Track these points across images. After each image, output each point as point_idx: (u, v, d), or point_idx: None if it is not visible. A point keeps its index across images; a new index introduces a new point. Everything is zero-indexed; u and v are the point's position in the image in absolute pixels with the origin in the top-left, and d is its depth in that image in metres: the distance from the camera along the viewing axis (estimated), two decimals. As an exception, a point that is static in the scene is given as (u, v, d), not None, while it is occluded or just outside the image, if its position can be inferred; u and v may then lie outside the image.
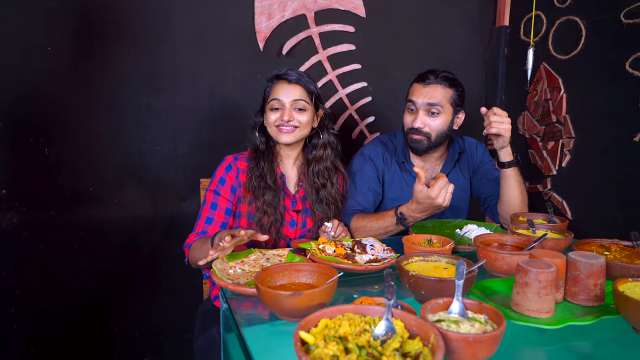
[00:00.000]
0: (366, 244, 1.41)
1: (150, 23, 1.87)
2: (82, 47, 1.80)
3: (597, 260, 1.05)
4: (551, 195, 2.18)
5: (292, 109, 1.55)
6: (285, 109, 1.54)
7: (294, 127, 1.55)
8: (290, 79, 1.56)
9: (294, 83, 1.56)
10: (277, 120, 1.54)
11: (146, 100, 1.91)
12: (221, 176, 1.56)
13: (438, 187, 1.44)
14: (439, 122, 1.68)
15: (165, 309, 2.07)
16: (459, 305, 0.89)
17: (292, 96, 1.55)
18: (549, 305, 0.99)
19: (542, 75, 2.20)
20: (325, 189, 1.63)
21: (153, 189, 1.98)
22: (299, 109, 1.55)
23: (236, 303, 1.13)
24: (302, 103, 1.55)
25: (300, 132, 1.57)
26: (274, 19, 2.04)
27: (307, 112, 1.57)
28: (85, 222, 1.91)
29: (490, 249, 1.23)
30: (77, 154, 1.86)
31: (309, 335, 0.78)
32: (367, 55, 2.23)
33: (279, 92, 1.56)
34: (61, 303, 1.91)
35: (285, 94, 1.55)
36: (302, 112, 1.56)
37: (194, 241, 1.48)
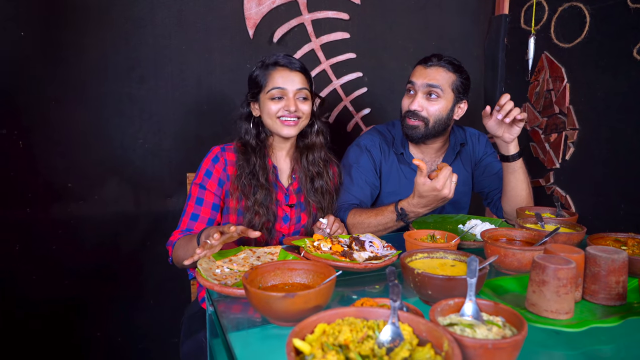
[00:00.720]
0: (364, 241, 1.31)
1: (131, 6, 1.76)
2: (57, 33, 1.68)
3: (619, 256, 0.96)
4: (554, 190, 2.09)
5: (296, 99, 1.44)
6: (288, 98, 1.43)
7: (298, 119, 1.45)
8: (292, 66, 1.45)
9: (296, 70, 1.45)
10: (281, 111, 1.43)
11: (128, 90, 1.79)
12: (207, 168, 1.45)
13: (443, 177, 1.34)
14: (438, 107, 1.58)
15: (150, 311, 1.96)
16: (473, 306, 0.79)
17: (296, 85, 1.43)
18: (569, 305, 0.90)
19: (543, 65, 2.12)
20: (320, 178, 1.53)
21: (136, 185, 1.87)
22: (302, 98, 1.45)
23: (223, 306, 1.03)
24: (305, 92, 1.45)
25: (303, 123, 1.48)
26: (264, 5, 1.93)
27: (309, 101, 1.48)
28: (63, 220, 1.79)
29: (500, 245, 1.13)
30: (54, 148, 1.74)
31: (304, 344, 0.68)
32: (362, 44, 2.13)
33: (281, 80, 1.43)
34: (38, 306, 1.79)
35: (287, 82, 1.43)
36: (306, 101, 1.47)
37: (178, 239, 1.36)
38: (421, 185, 1.37)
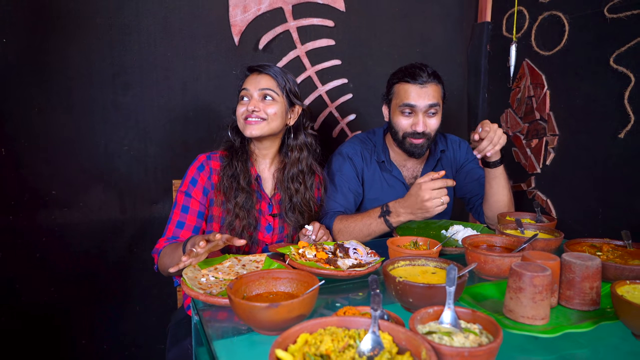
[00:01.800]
0: (349, 248, 1.33)
1: (116, 13, 1.75)
2: (40, 39, 1.67)
3: (593, 262, 0.99)
4: (535, 194, 2.14)
5: (260, 100, 1.46)
6: (252, 98, 1.46)
7: (261, 119, 1.45)
8: (261, 70, 1.48)
9: (263, 73, 1.48)
10: (245, 112, 1.45)
11: (112, 97, 1.79)
12: (193, 176, 1.46)
13: (432, 186, 1.36)
14: (436, 121, 1.64)
15: (136, 318, 1.95)
16: (451, 314, 0.82)
17: (259, 85, 1.46)
18: (544, 311, 0.93)
19: (525, 72, 2.16)
20: (298, 194, 1.54)
21: (122, 192, 1.86)
22: (265, 97, 1.46)
23: (208, 314, 1.04)
24: (269, 92, 1.46)
25: (269, 126, 1.47)
26: (249, 12, 1.94)
27: (276, 103, 1.47)
28: (48, 227, 1.77)
29: (480, 251, 1.16)
30: (38, 154, 1.72)
31: (287, 354, 0.70)
32: (347, 51, 2.15)
33: (248, 83, 1.48)
34: (22, 314, 1.78)
35: (253, 84, 1.47)
36: (271, 102, 1.47)
37: (164, 247, 1.37)
38: (414, 184, 1.40)
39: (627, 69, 1.73)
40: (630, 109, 1.73)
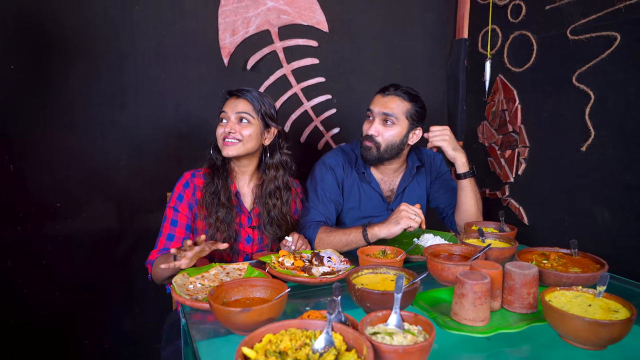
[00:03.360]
0: (324, 256, 1.47)
1: (113, 39, 1.90)
2: (44, 64, 1.82)
3: (530, 271, 1.13)
4: (509, 202, 2.27)
5: (236, 122, 1.58)
6: (229, 121, 1.58)
7: (237, 140, 1.57)
8: (239, 94, 1.60)
9: (241, 97, 1.59)
10: (222, 134, 1.58)
11: (110, 115, 1.93)
12: (179, 193, 1.60)
13: (411, 206, 1.55)
14: (392, 133, 1.74)
15: (135, 319, 2.10)
16: (397, 317, 0.96)
17: (236, 109, 1.58)
18: (484, 314, 1.07)
19: (498, 87, 2.30)
20: (275, 209, 1.67)
21: (121, 203, 2.01)
22: (242, 120, 1.58)
23: (194, 318, 1.18)
24: (245, 115, 1.58)
25: (244, 146, 1.58)
26: (238, 35, 2.08)
27: (251, 125, 1.59)
28: (52, 237, 1.92)
29: (437, 260, 1.30)
30: (43, 170, 1.87)
31: (251, 351, 0.84)
32: (331, 69, 2.29)
33: (227, 106, 1.60)
34: (30, 318, 1.93)
35: (230, 107, 1.59)
36: (246, 125, 1.58)
37: (156, 258, 1.51)
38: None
39: (588, 87, 1.87)
40: (590, 124, 1.86)
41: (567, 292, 1.07)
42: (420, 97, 1.79)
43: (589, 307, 1.01)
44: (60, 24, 1.81)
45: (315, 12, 2.22)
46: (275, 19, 2.15)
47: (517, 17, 2.17)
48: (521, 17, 2.15)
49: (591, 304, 1.02)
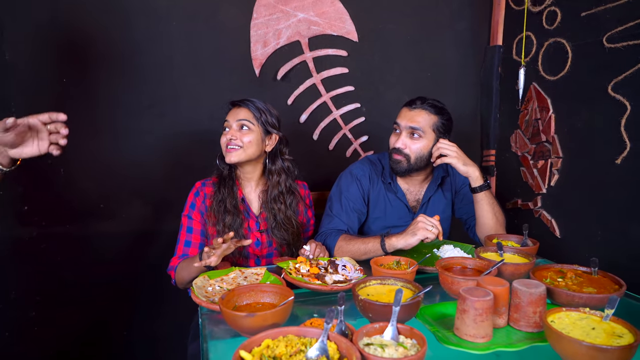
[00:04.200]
0: (339, 264, 1.52)
1: (152, 53, 2.04)
2: (90, 77, 1.98)
3: (537, 289, 1.12)
4: (541, 214, 2.21)
5: (237, 129, 1.65)
6: (231, 129, 1.66)
7: (238, 147, 1.64)
8: (240, 104, 1.68)
9: (242, 107, 1.67)
10: (225, 141, 1.66)
11: (149, 124, 2.08)
12: (192, 201, 1.71)
13: (428, 218, 1.55)
14: (419, 145, 1.75)
15: (169, 315, 2.23)
16: (392, 330, 0.99)
17: (237, 117, 1.66)
18: (485, 331, 1.07)
19: (532, 95, 2.24)
20: (280, 213, 1.73)
21: (157, 206, 2.15)
22: (242, 127, 1.65)
23: (210, 318, 1.26)
24: (245, 122, 1.65)
25: (245, 153, 1.65)
26: (269, 46, 2.17)
27: (251, 132, 1.65)
28: (96, 236, 2.09)
29: (447, 274, 1.30)
30: (89, 174, 2.04)
31: (248, 355, 0.90)
32: (360, 78, 2.33)
33: (229, 115, 1.69)
34: (76, 308, 2.10)
35: (232, 116, 1.67)
36: (247, 132, 1.65)
37: (178, 264, 1.62)
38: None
39: (624, 97, 1.79)
40: (626, 136, 1.79)
41: (572, 313, 1.06)
42: (447, 110, 1.79)
43: (592, 330, 0.99)
44: (105, 40, 1.97)
45: (345, 23, 2.26)
46: (305, 30, 2.21)
47: (552, 24, 2.11)
48: (556, 24, 2.09)
49: (595, 327, 1.00)
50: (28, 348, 2.07)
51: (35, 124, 1.25)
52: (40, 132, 1.27)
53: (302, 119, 2.30)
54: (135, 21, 2.00)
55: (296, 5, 2.18)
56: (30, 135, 1.26)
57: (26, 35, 1.87)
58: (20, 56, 1.88)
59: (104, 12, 1.95)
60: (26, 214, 1.98)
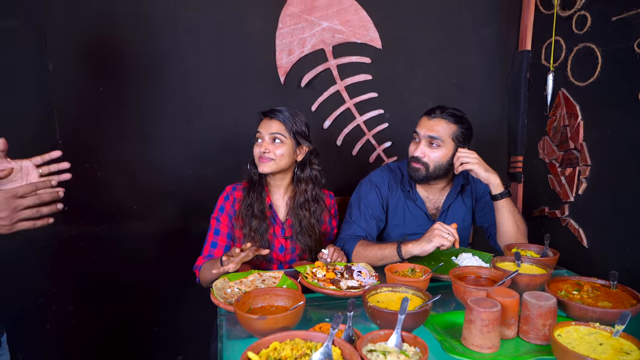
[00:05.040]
0: (354, 270, 1.55)
1: (179, 62, 2.14)
2: (124, 86, 2.10)
3: (547, 302, 1.12)
4: (569, 222, 2.16)
5: (270, 142, 1.69)
6: (264, 141, 1.70)
7: (270, 159, 1.69)
8: (271, 115, 1.72)
9: (273, 119, 1.71)
10: (259, 153, 1.71)
11: (178, 130, 2.18)
12: (221, 205, 1.77)
13: (445, 225, 1.55)
14: (438, 154, 1.76)
15: (194, 314, 2.32)
16: (397, 337, 1.02)
17: (269, 130, 1.70)
18: (492, 341, 1.08)
19: (560, 101, 2.19)
20: (305, 219, 1.77)
21: (186, 207, 2.25)
22: (275, 140, 1.69)
23: (227, 319, 1.33)
24: (278, 136, 1.69)
25: (277, 164, 1.70)
26: (294, 55, 2.22)
27: (284, 145, 1.70)
28: (129, 235, 2.21)
29: (459, 283, 1.31)
30: (123, 177, 2.17)
31: (255, 356, 0.95)
32: (384, 84, 2.35)
33: (261, 126, 1.73)
34: (111, 303, 2.24)
35: (265, 128, 1.71)
36: (279, 145, 1.69)
37: (203, 263, 1.70)
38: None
39: (655, 104, 1.73)
40: (656, 144, 1.73)
41: (582, 327, 1.05)
42: (467, 118, 1.79)
43: (600, 345, 0.98)
44: (137, 51, 2.08)
45: (369, 30, 2.29)
46: (329, 38, 2.26)
47: (582, 28, 2.06)
48: (586, 29, 2.04)
49: (603, 343, 0.99)
50: (67, 339, 2.22)
51: (26, 166, 1.19)
52: (29, 174, 1.20)
53: (326, 125, 2.34)
54: (165, 33, 2.10)
55: (321, 14, 2.22)
56: (20, 176, 1.19)
57: (66, 47, 2.01)
58: (61, 67, 2.02)
59: (136, 24, 2.06)
60: (67, 214, 2.11)
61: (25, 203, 1.06)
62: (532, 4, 2.37)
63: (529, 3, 2.38)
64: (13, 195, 1.04)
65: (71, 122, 2.06)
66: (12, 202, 1.04)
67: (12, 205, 1.04)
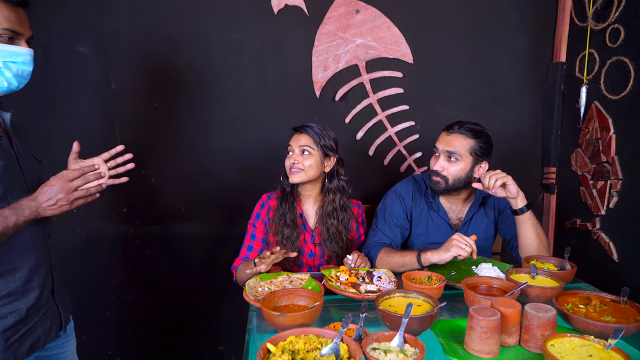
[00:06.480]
0: (374, 275, 1.67)
1: (227, 79, 2.34)
2: (177, 102, 2.34)
3: (546, 314, 1.19)
4: (599, 235, 2.15)
5: (299, 154, 1.84)
6: (294, 153, 1.86)
7: (300, 170, 1.83)
8: (301, 130, 1.87)
9: (303, 133, 1.86)
10: (289, 164, 1.86)
11: (225, 141, 2.39)
12: (257, 212, 1.95)
13: (463, 236, 1.64)
14: (457, 168, 1.84)
15: (237, 308, 2.53)
16: (399, 338, 1.14)
17: (299, 143, 1.85)
18: (490, 347, 1.17)
19: (593, 114, 2.19)
20: (332, 227, 1.90)
21: (230, 211, 2.46)
22: (303, 152, 1.84)
23: (258, 315, 1.50)
24: (306, 148, 1.83)
25: (306, 175, 1.84)
26: (329, 70, 2.37)
27: (312, 156, 1.84)
28: (180, 236, 2.45)
29: (469, 292, 1.40)
30: (174, 183, 2.41)
31: (273, 347, 1.11)
32: (415, 97, 2.44)
33: (292, 140, 1.88)
34: (162, 294, 2.49)
35: (295, 142, 1.87)
36: (308, 156, 1.83)
37: (239, 264, 1.88)
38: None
39: (686, 120, 1.72)
40: (687, 161, 1.72)
41: (576, 339, 1.12)
42: (486, 133, 1.85)
43: (589, 357, 1.05)
44: (188, 70, 2.31)
45: (401, 46, 2.39)
46: (363, 54, 2.38)
47: (616, 41, 2.05)
48: (619, 42, 2.03)
49: (592, 355, 1.06)
50: (124, 326, 2.50)
51: (97, 163, 1.48)
52: (100, 168, 1.44)
53: (359, 136, 2.47)
54: (214, 52, 2.31)
55: (355, 32, 2.36)
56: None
57: (127, 67, 2.27)
58: (122, 84, 2.28)
59: (188, 45, 2.29)
60: (125, 215, 2.40)
61: (75, 184, 1.27)
62: (567, 16, 2.37)
63: (564, 15, 2.38)
64: (65, 180, 1.26)
65: (130, 132, 2.32)
66: (65, 185, 1.26)
67: (66, 187, 1.26)
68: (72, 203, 1.28)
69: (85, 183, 1.29)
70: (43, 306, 1.36)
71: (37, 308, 1.33)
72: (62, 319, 1.44)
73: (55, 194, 1.24)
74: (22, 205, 1.21)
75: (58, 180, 1.26)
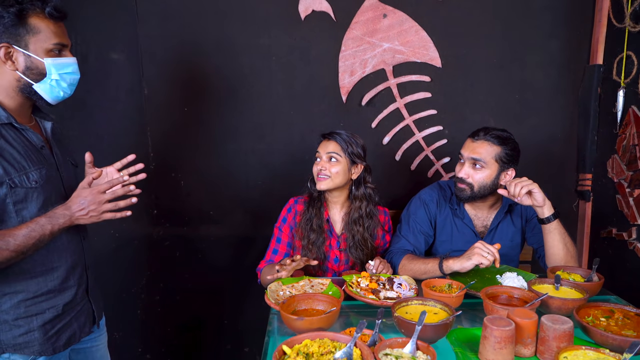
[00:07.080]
0: (395, 282, 1.68)
1: (254, 83, 2.40)
2: (206, 107, 2.42)
3: (562, 326, 1.18)
4: (635, 246, 2.07)
5: (327, 161, 1.86)
6: (322, 160, 1.88)
7: (327, 177, 1.85)
8: (328, 137, 1.89)
9: (331, 140, 1.88)
10: (317, 171, 1.89)
11: (251, 145, 2.45)
12: (284, 216, 1.99)
13: (486, 244, 1.63)
14: (482, 175, 1.81)
15: (262, 311, 2.58)
16: (411, 345, 1.16)
17: (327, 149, 1.87)
18: (504, 357, 1.17)
19: (630, 119, 2.10)
20: (358, 234, 1.91)
21: (256, 214, 2.52)
22: (331, 159, 1.85)
23: (278, 317, 1.54)
24: (334, 155, 1.85)
25: (333, 181, 1.86)
26: (355, 75, 2.39)
27: (339, 163, 1.85)
28: (206, 237, 2.54)
29: (488, 301, 1.39)
30: (202, 186, 2.49)
31: (288, 349, 1.15)
32: (443, 102, 2.42)
33: (320, 147, 1.91)
34: (189, 294, 2.58)
35: (322, 148, 1.89)
36: (335, 163, 1.85)
37: (264, 267, 1.93)
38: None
39: None
40: None
41: (590, 352, 1.10)
42: (512, 139, 1.82)
43: (604, 371, 1.03)
44: (218, 75, 2.39)
45: (429, 50, 2.38)
46: (390, 59, 2.39)
47: (655, 44, 1.97)
48: (659, 44, 1.95)
49: (608, 370, 1.03)
50: (153, 324, 2.61)
51: (110, 172, 1.50)
52: (112, 177, 1.47)
53: (385, 141, 2.48)
54: (242, 58, 2.38)
55: (382, 36, 2.36)
56: (107, 180, 1.44)
57: (158, 73, 2.37)
58: (154, 90, 2.38)
59: (217, 51, 2.36)
60: (155, 217, 2.50)
61: (106, 197, 1.32)
62: (605, 16, 2.29)
63: (601, 16, 2.30)
64: (98, 192, 1.31)
65: (161, 137, 2.43)
66: (97, 197, 1.31)
67: (96, 199, 1.31)
68: (100, 215, 1.32)
69: (114, 197, 1.33)
70: (78, 303, 1.46)
71: (72, 305, 1.43)
72: (95, 315, 1.54)
73: (88, 205, 1.30)
74: (57, 214, 1.29)
75: (90, 191, 1.31)
